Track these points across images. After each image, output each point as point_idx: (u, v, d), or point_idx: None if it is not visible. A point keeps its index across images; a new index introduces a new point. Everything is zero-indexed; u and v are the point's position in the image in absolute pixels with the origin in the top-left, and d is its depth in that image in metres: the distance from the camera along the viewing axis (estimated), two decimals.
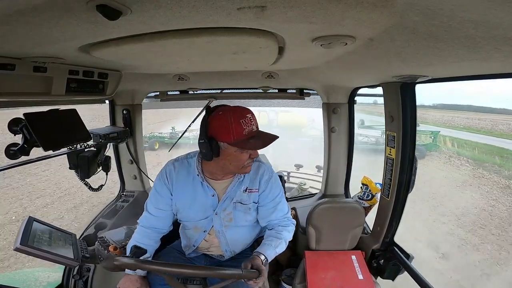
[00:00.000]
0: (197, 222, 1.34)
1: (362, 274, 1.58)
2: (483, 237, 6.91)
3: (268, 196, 1.34)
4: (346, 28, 0.68)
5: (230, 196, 1.30)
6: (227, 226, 1.33)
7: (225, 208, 1.30)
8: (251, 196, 1.32)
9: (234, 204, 1.31)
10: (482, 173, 11.63)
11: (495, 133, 18.73)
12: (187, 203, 1.30)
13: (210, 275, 1.04)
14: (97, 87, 1.35)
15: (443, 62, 0.88)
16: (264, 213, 1.36)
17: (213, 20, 0.63)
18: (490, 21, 0.52)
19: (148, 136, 14.67)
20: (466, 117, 24.06)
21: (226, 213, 1.31)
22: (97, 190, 1.92)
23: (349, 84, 1.88)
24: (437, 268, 5.25)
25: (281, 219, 1.37)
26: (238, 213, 1.32)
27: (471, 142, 15.89)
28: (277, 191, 1.36)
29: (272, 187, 1.35)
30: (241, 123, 1.10)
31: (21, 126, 1.14)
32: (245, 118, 1.12)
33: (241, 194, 1.31)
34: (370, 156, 9.59)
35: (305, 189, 4.06)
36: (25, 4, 0.49)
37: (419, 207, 7.61)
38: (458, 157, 13.85)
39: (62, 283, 1.62)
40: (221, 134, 1.11)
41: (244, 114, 1.13)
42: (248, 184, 1.31)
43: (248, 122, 1.13)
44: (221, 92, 2.16)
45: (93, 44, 0.82)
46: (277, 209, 1.36)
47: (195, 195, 1.29)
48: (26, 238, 1.12)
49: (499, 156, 13.41)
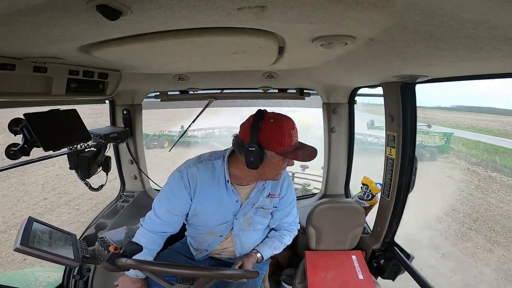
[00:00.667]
0: (214, 227, 1.29)
1: (362, 274, 1.57)
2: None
3: (287, 201, 1.39)
4: (346, 28, 0.68)
5: (252, 201, 1.29)
6: (244, 230, 1.33)
7: (245, 213, 1.29)
8: (272, 201, 1.35)
9: (255, 209, 1.31)
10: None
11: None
12: (210, 208, 1.23)
13: (210, 276, 1.03)
14: (97, 87, 1.35)
15: (443, 62, 0.88)
16: (279, 216, 1.40)
17: (213, 20, 0.63)
18: (490, 21, 0.52)
19: (158, 134, 14.83)
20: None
21: (246, 218, 1.31)
22: (97, 190, 1.92)
23: (349, 84, 1.88)
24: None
25: (291, 223, 1.42)
26: (258, 217, 1.34)
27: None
28: (293, 196, 1.42)
29: (291, 193, 1.40)
30: (291, 133, 1.08)
31: (21, 126, 1.14)
32: (294, 129, 1.10)
33: (264, 200, 1.31)
34: (382, 157, 9.30)
35: (309, 190, 4.08)
36: (25, 4, 0.49)
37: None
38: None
39: (62, 283, 1.62)
40: (273, 143, 1.07)
41: (293, 124, 1.10)
42: (271, 190, 1.32)
43: (295, 133, 1.11)
44: (221, 92, 2.16)
45: (93, 44, 0.82)
46: (291, 213, 1.41)
47: (221, 200, 1.22)
48: (26, 239, 1.11)
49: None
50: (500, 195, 9.70)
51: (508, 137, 17.83)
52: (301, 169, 5.48)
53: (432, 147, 13.48)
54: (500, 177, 11.47)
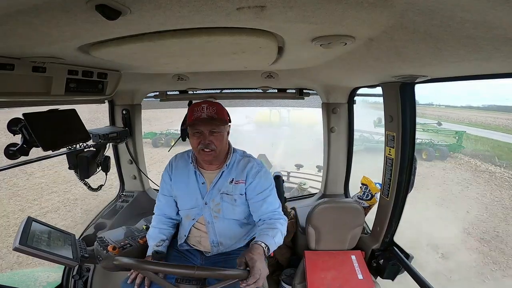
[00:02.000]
0: (189, 210, 1.44)
1: (361, 274, 1.58)
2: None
3: (256, 188, 1.39)
4: (346, 28, 0.68)
5: (218, 186, 1.39)
6: (216, 217, 1.40)
7: (213, 198, 1.39)
8: (237, 187, 1.38)
9: (221, 195, 1.38)
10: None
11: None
12: (182, 189, 1.44)
13: (211, 276, 1.03)
14: (96, 87, 1.35)
15: (443, 62, 0.88)
16: (254, 207, 1.40)
17: (212, 20, 0.63)
18: (490, 21, 0.52)
19: (165, 133, 14.86)
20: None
21: (215, 204, 1.39)
22: (96, 190, 1.91)
23: (349, 84, 1.88)
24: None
25: (271, 213, 1.38)
26: (225, 204, 1.38)
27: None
28: (266, 184, 1.40)
29: (260, 180, 1.40)
30: (198, 109, 1.30)
31: (21, 126, 1.13)
32: (200, 107, 1.31)
33: (227, 186, 1.38)
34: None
35: (304, 189, 4.06)
36: (25, 4, 0.49)
37: None
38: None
39: (61, 283, 1.62)
40: (187, 120, 1.34)
41: (202, 104, 1.32)
42: (235, 176, 1.40)
43: (201, 110, 1.30)
44: (220, 92, 2.16)
45: (93, 44, 0.82)
46: (267, 202, 1.39)
47: (188, 182, 1.43)
48: (25, 238, 1.11)
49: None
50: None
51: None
52: (295, 168, 5.49)
53: (443, 145, 13.11)
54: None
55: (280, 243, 1.30)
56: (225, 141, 1.39)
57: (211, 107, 1.32)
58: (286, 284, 1.80)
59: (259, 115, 16.99)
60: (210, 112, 1.31)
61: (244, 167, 1.40)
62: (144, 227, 1.71)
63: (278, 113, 16.51)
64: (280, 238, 1.30)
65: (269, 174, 1.46)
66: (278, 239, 1.29)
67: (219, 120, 1.31)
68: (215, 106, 1.33)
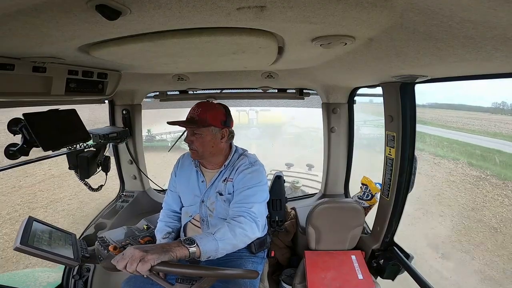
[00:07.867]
0: (188, 207, 1.48)
1: (362, 274, 1.58)
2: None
3: (239, 183, 1.31)
4: (346, 28, 0.68)
5: (215, 185, 1.41)
6: (211, 216, 1.41)
7: (209, 197, 1.41)
8: (227, 185, 1.37)
9: (216, 194, 1.39)
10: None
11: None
12: (184, 186, 1.49)
13: (209, 275, 1.03)
14: (96, 87, 1.35)
15: (443, 62, 0.88)
16: (232, 202, 1.31)
17: (212, 20, 0.63)
18: (490, 21, 0.52)
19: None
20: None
21: (210, 202, 1.40)
22: (96, 190, 1.91)
23: (349, 84, 1.88)
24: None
25: (242, 211, 1.23)
26: (219, 203, 1.39)
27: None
28: (251, 182, 1.30)
29: (245, 177, 1.32)
30: (190, 111, 1.35)
31: (21, 126, 1.13)
32: (192, 109, 1.35)
33: (221, 185, 1.39)
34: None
35: (298, 187, 4.04)
36: (25, 4, 0.49)
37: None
38: None
39: (62, 283, 1.62)
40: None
41: (195, 106, 1.35)
42: (228, 175, 1.39)
43: (190, 110, 1.35)
44: (220, 92, 2.16)
45: (93, 44, 0.82)
46: (244, 196, 1.28)
47: (190, 180, 1.47)
48: (26, 238, 1.11)
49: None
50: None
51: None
52: (286, 167, 5.49)
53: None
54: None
55: (228, 250, 1.11)
56: (208, 144, 1.32)
57: (197, 108, 1.33)
58: (286, 284, 1.80)
59: None
60: (193, 113, 1.33)
61: (236, 165, 1.39)
62: (145, 227, 1.72)
63: (247, 115, 16.24)
64: (228, 244, 1.10)
65: (259, 174, 1.35)
66: (224, 244, 1.08)
67: (197, 122, 1.29)
68: (201, 107, 1.33)
